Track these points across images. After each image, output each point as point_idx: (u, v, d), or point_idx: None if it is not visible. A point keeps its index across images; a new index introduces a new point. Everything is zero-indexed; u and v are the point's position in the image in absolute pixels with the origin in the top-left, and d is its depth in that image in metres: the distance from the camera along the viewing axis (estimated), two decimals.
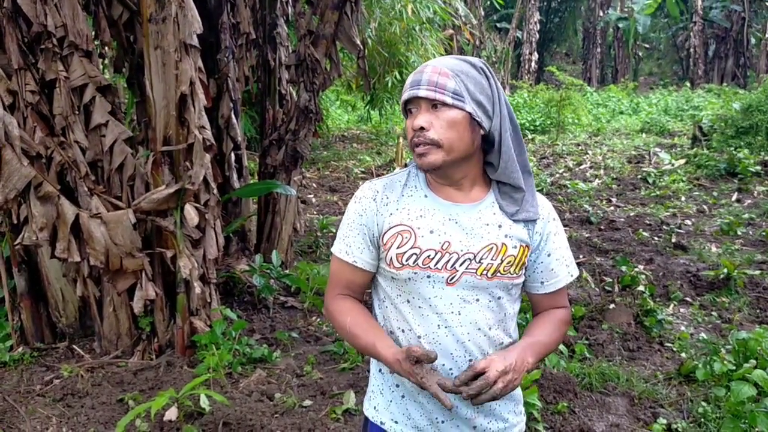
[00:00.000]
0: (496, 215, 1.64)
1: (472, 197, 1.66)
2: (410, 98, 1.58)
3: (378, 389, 1.77)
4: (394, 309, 1.68)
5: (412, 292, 1.63)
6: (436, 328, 1.62)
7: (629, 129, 16.82)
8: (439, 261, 1.60)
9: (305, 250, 6.69)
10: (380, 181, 1.71)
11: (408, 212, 1.64)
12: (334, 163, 12.38)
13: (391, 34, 11.77)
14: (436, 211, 1.63)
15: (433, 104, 1.56)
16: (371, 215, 1.66)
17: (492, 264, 1.61)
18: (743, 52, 28.27)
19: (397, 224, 1.63)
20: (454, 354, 1.62)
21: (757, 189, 9.82)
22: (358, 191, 1.71)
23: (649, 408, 3.71)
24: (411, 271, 1.61)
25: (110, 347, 4.24)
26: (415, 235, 1.61)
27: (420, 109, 1.58)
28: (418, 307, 1.63)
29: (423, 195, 1.66)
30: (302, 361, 4.30)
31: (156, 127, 3.96)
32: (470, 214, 1.63)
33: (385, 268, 1.67)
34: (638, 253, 6.71)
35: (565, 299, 1.80)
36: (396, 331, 1.68)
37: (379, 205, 1.65)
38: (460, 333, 1.61)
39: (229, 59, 5.52)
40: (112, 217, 3.86)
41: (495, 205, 1.66)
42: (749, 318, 5.01)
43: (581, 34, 35.21)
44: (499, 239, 1.62)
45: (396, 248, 1.62)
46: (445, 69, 1.55)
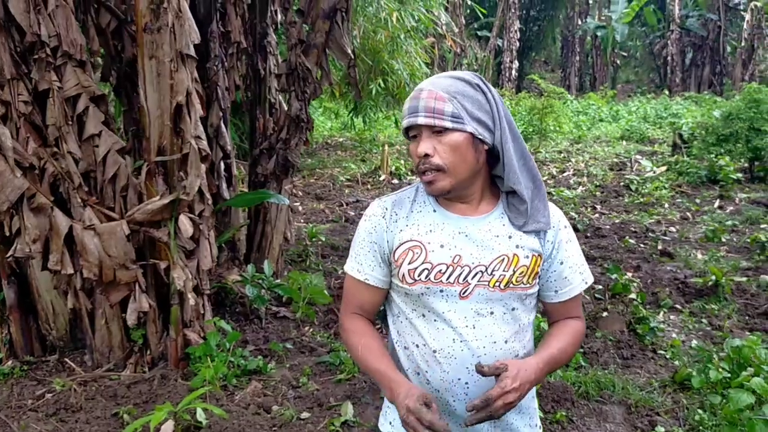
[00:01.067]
0: (506, 226, 1.65)
1: (482, 210, 1.66)
2: (410, 126, 1.60)
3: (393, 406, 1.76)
4: (409, 324, 1.68)
5: (425, 306, 1.63)
6: (451, 342, 1.62)
7: (610, 136, 17.01)
8: (451, 275, 1.60)
9: (295, 260, 6.66)
10: (389, 198, 1.72)
11: (418, 228, 1.64)
12: (319, 170, 12.35)
13: (376, 42, 11.79)
14: (445, 225, 1.64)
15: (435, 130, 1.56)
16: (381, 232, 1.67)
17: (504, 275, 1.61)
18: (719, 60, 28.77)
19: (408, 240, 1.64)
20: (470, 368, 1.61)
21: (738, 196, 9.97)
22: (368, 209, 1.73)
23: (646, 416, 3.73)
24: (423, 286, 1.61)
25: (102, 360, 4.18)
26: (425, 251, 1.62)
27: (421, 136, 1.59)
28: (433, 321, 1.63)
29: (432, 210, 1.67)
30: (298, 372, 4.27)
31: (150, 137, 3.92)
32: (480, 226, 1.63)
33: (398, 284, 1.67)
34: (626, 260, 6.77)
35: (579, 308, 1.80)
36: (410, 346, 1.68)
37: (389, 222, 1.67)
38: (475, 347, 1.61)
39: (218, 68, 5.49)
40: (106, 228, 3.82)
41: (504, 216, 1.66)
42: (739, 325, 5.07)
43: (560, 42, 35.60)
44: (510, 250, 1.62)
45: (407, 264, 1.63)
46: (440, 93, 1.55)
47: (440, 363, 1.62)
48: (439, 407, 1.53)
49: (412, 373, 1.68)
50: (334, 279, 6.23)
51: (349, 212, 9.42)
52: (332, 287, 5.94)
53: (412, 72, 12.53)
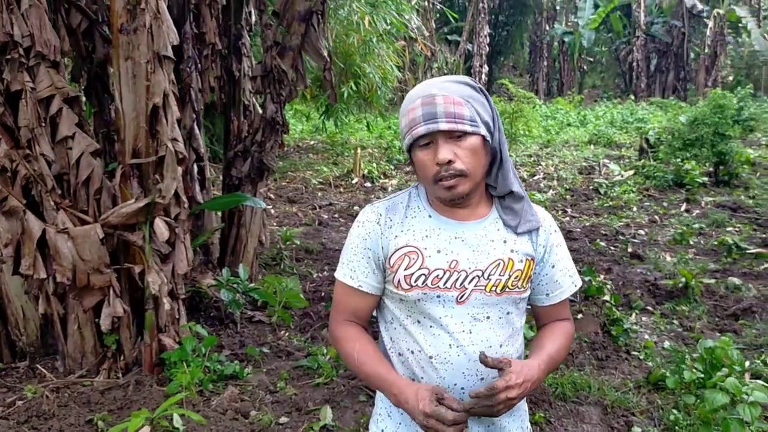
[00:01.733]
0: (500, 231, 1.66)
1: (477, 214, 1.66)
2: (429, 132, 1.54)
3: (385, 412, 1.75)
4: (403, 330, 1.67)
5: (422, 312, 1.62)
6: (447, 348, 1.61)
7: (578, 141, 17.23)
8: (448, 280, 1.60)
9: (269, 263, 6.61)
10: (382, 204, 1.70)
11: (413, 233, 1.63)
12: (291, 173, 12.29)
13: (348, 45, 11.79)
14: (441, 230, 1.63)
15: (454, 135, 1.54)
16: (376, 239, 1.65)
17: (500, 279, 1.62)
18: (683, 66, 29.39)
19: (404, 246, 1.62)
20: (466, 373, 1.62)
21: (704, 199, 10.18)
22: (361, 215, 1.70)
23: (622, 416, 3.79)
24: (420, 292, 1.60)
25: (74, 366, 4.10)
26: (422, 256, 1.61)
27: (437, 142, 1.55)
28: (429, 327, 1.62)
29: (427, 215, 1.66)
30: (275, 376, 4.23)
31: (125, 139, 3.86)
32: (475, 231, 1.64)
33: (392, 291, 1.65)
34: (597, 263, 6.86)
35: (568, 310, 1.82)
36: (405, 353, 1.67)
37: (384, 228, 1.65)
38: (471, 351, 1.61)
39: (192, 69, 5.42)
40: (80, 232, 3.75)
41: (498, 221, 1.67)
42: (709, 326, 5.18)
43: (528, 47, 35.99)
44: (506, 254, 1.63)
45: (404, 270, 1.61)
46: (456, 97, 1.54)
47: (436, 369, 1.62)
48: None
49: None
50: (309, 282, 6.20)
51: (322, 215, 9.39)
52: (307, 291, 5.91)
53: (383, 75, 12.56)
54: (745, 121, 13.71)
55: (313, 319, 5.29)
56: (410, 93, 1.62)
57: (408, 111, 1.57)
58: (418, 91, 1.59)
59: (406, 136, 1.58)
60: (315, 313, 5.38)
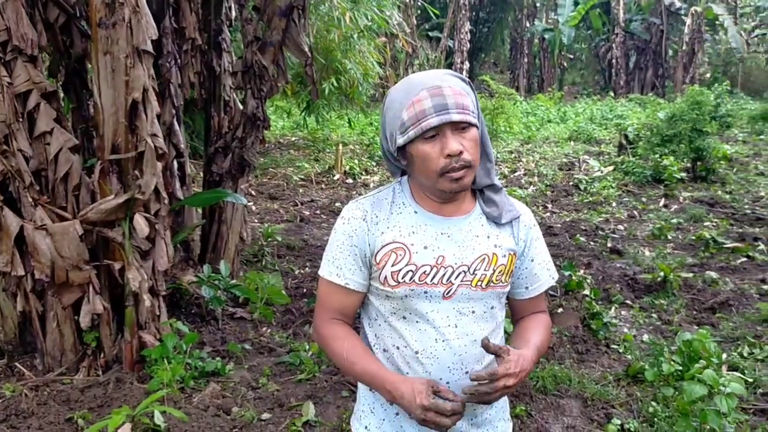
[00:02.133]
0: (484, 226, 1.67)
1: (463, 210, 1.67)
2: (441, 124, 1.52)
3: (368, 408, 1.74)
4: (388, 327, 1.67)
5: (408, 308, 1.63)
6: (433, 343, 1.62)
7: (558, 137, 17.34)
8: (435, 276, 1.60)
9: (250, 260, 6.59)
10: (367, 200, 1.68)
11: (400, 229, 1.63)
12: (272, 170, 12.24)
13: (329, 41, 11.75)
14: (427, 226, 1.63)
15: (460, 126, 1.54)
16: (362, 235, 1.63)
17: (485, 274, 1.63)
18: (662, 63, 29.70)
19: (390, 242, 1.61)
20: (451, 368, 1.63)
21: (682, 195, 10.30)
22: (345, 212, 1.68)
23: (602, 409, 3.83)
24: (408, 288, 1.60)
25: (54, 364, 4.06)
26: (409, 252, 1.60)
27: (445, 134, 1.53)
28: (415, 322, 1.63)
29: (413, 211, 1.65)
30: (257, 373, 4.22)
31: (104, 135, 3.82)
32: (461, 226, 1.65)
33: (378, 287, 1.65)
34: (577, 258, 6.92)
35: (544, 303, 1.85)
36: (390, 349, 1.66)
37: (370, 225, 1.63)
38: (456, 346, 1.62)
39: (171, 65, 5.38)
40: (58, 228, 3.71)
41: (482, 216, 1.69)
42: (687, 319, 5.25)
43: (509, 44, 36.15)
44: (490, 249, 1.65)
45: (391, 266, 1.61)
46: (459, 89, 1.55)
47: (423, 364, 1.62)
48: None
49: None
50: (291, 279, 6.19)
51: (303, 212, 9.37)
52: (289, 287, 5.90)
53: (365, 71, 12.54)
54: (722, 117, 13.91)
55: (295, 315, 5.28)
56: (406, 85, 1.58)
57: (412, 103, 1.53)
58: (419, 82, 1.56)
59: (412, 128, 1.54)
60: (297, 309, 5.37)
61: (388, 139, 1.63)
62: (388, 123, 1.61)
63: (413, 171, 1.62)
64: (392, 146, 1.62)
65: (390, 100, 1.60)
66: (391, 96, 1.61)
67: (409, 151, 1.58)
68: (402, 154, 1.62)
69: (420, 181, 1.63)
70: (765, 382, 4.09)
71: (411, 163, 1.61)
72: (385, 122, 1.64)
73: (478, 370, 1.59)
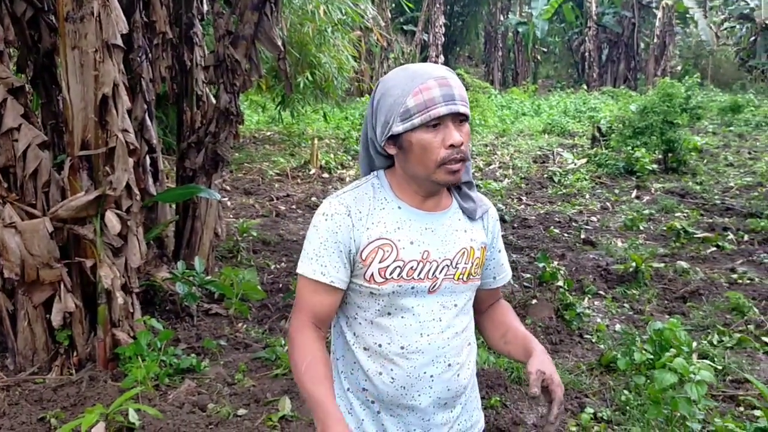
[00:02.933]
0: (461, 221, 1.69)
1: (442, 205, 1.67)
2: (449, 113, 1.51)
3: (345, 409, 1.69)
4: (370, 324, 1.64)
5: (394, 304, 1.61)
6: (418, 337, 1.62)
7: (532, 130, 17.46)
8: (421, 271, 1.60)
9: (226, 256, 6.55)
10: (347, 196, 1.63)
11: (385, 225, 1.60)
12: (247, 165, 12.16)
13: (303, 34, 11.68)
14: (412, 221, 1.62)
15: (460, 119, 1.54)
16: (347, 231, 1.58)
17: (466, 268, 1.66)
18: (634, 56, 30.03)
19: (377, 238, 1.58)
20: (435, 361, 1.64)
21: (654, 186, 10.44)
22: (327, 208, 1.62)
23: (575, 398, 3.88)
24: (395, 285, 1.59)
25: (26, 363, 4.00)
26: (396, 248, 1.59)
27: (447, 125, 1.52)
28: (400, 318, 1.62)
29: (396, 206, 1.63)
30: (233, 369, 4.21)
31: (73, 131, 3.77)
32: (442, 221, 1.65)
33: (362, 284, 1.61)
34: (551, 249, 6.99)
35: (500, 290, 1.92)
36: (371, 347, 1.64)
37: (355, 221, 1.59)
38: (440, 339, 1.63)
39: (142, 59, 5.32)
40: (28, 226, 3.66)
41: (458, 210, 1.70)
42: (658, 309, 5.33)
43: (483, 38, 36.24)
44: (468, 243, 1.67)
45: (378, 263, 1.58)
46: (460, 83, 1.55)
47: (408, 359, 1.62)
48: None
49: (374, 374, 1.64)
50: (267, 274, 6.17)
51: (279, 207, 9.33)
52: (265, 282, 5.88)
53: (339, 65, 12.50)
54: (692, 109, 14.07)
55: (271, 310, 5.27)
56: (408, 73, 1.56)
57: (420, 90, 1.51)
58: (424, 71, 1.55)
59: (418, 115, 1.51)
60: (273, 304, 5.36)
61: (381, 126, 1.58)
62: (385, 109, 1.56)
63: (406, 161, 1.58)
64: (384, 134, 1.57)
65: (388, 87, 1.56)
66: (388, 83, 1.58)
67: (408, 139, 1.54)
68: (393, 144, 1.58)
69: (412, 172, 1.59)
70: (734, 369, 4.17)
71: (406, 153, 1.57)
72: (378, 109, 1.59)
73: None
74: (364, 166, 1.74)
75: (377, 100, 1.60)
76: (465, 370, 1.71)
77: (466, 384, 1.73)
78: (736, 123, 17.10)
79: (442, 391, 1.66)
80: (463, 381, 1.70)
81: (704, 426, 3.41)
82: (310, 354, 1.60)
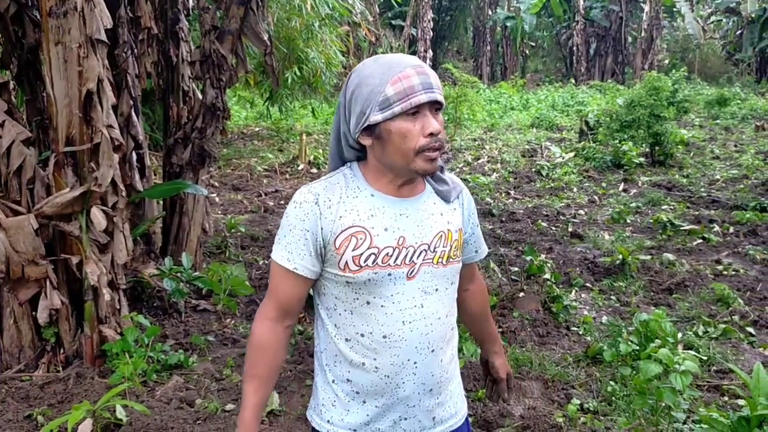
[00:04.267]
0: (437, 204, 1.70)
1: (416, 190, 1.68)
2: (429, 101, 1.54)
3: (329, 401, 1.71)
4: (350, 315, 1.64)
5: (372, 293, 1.61)
6: (401, 325, 1.62)
7: (521, 124, 17.51)
8: (398, 257, 1.61)
9: (214, 252, 6.54)
10: (318, 185, 1.65)
11: (358, 213, 1.60)
12: (235, 161, 12.13)
13: (290, 29, 11.65)
14: (385, 208, 1.62)
15: (436, 107, 1.56)
16: (314, 219, 1.60)
17: (444, 251, 1.67)
18: (621, 50, 30.13)
19: (350, 226, 1.59)
20: (419, 348, 1.65)
21: (641, 179, 10.50)
22: (297, 196, 1.64)
23: (562, 390, 3.91)
24: (371, 272, 1.59)
25: (12, 361, 3.98)
26: (370, 236, 1.59)
27: (426, 113, 1.55)
28: (380, 306, 1.61)
29: (369, 194, 1.63)
30: (221, 364, 4.21)
31: (57, 127, 3.75)
32: (417, 206, 1.67)
33: (337, 274, 1.61)
34: (539, 243, 7.02)
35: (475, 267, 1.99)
36: (353, 337, 1.64)
37: (323, 209, 1.60)
38: (423, 326, 1.64)
39: (127, 54, 5.29)
40: (12, 223, 3.64)
41: (433, 194, 1.71)
42: (645, 300, 5.37)
43: (471, 32, 36.26)
44: (444, 226, 1.69)
45: (351, 251, 1.58)
46: (432, 71, 1.57)
47: (391, 347, 1.62)
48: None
49: (357, 364, 1.65)
50: (255, 270, 6.16)
51: (268, 202, 9.32)
52: (253, 278, 5.87)
53: (327, 60, 12.48)
54: (679, 102, 14.18)
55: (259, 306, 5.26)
56: (383, 62, 1.56)
57: (399, 78, 1.52)
58: (399, 60, 1.56)
59: (398, 103, 1.52)
60: (261, 300, 5.34)
61: (356, 117, 1.58)
62: (361, 99, 1.55)
63: (383, 151, 1.58)
64: (360, 125, 1.57)
65: (364, 77, 1.56)
66: (364, 72, 1.57)
67: (386, 128, 1.54)
68: (369, 134, 1.58)
69: (389, 162, 1.59)
70: (718, 359, 4.21)
71: (383, 143, 1.57)
72: (353, 100, 1.58)
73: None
74: (335, 160, 1.73)
75: (351, 91, 1.59)
76: (448, 355, 1.73)
77: (450, 369, 1.74)
78: (723, 116, 17.22)
79: (426, 376, 1.67)
80: (447, 366, 1.72)
81: (689, 415, 3.46)
82: (261, 351, 1.70)
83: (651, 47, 27.77)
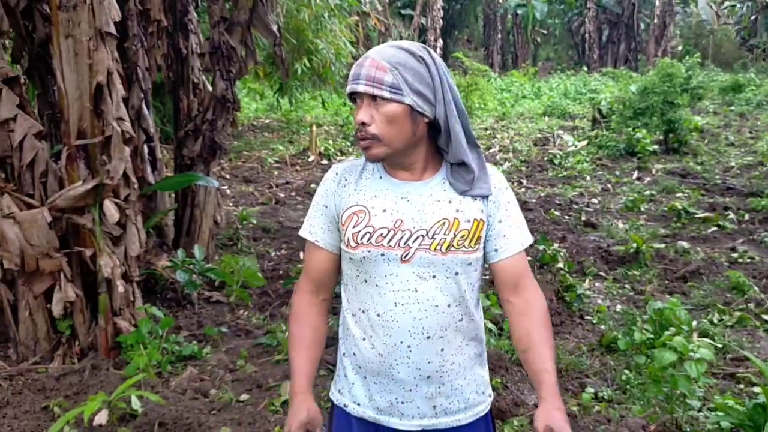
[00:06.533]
0: (447, 191, 1.67)
1: (425, 175, 1.69)
2: (351, 92, 1.63)
3: (342, 373, 1.80)
4: (354, 290, 1.72)
5: (368, 271, 1.67)
6: (393, 306, 1.65)
7: (532, 113, 17.41)
8: (392, 239, 1.63)
9: (226, 243, 6.56)
10: (342, 165, 1.77)
11: (364, 193, 1.69)
12: (246, 153, 12.15)
13: (299, 20, 11.61)
14: (389, 190, 1.67)
15: (374, 99, 1.59)
16: (331, 195, 1.72)
17: (445, 239, 1.63)
18: (634, 36, 29.87)
19: (354, 204, 1.68)
20: (411, 332, 1.65)
21: (654, 167, 10.42)
22: (326, 173, 1.78)
23: (576, 378, 3.89)
24: (365, 250, 1.65)
25: (28, 353, 4.02)
26: (369, 215, 1.66)
27: (362, 103, 1.61)
28: (375, 286, 1.67)
29: (378, 176, 1.71)
30: (234, 355, 4.22)
31: (69, 120, 3.77)
32: (421, 191, 1.66)
33: (344, 249, 1.71)
34: (552, 232, 6.98)
35: (527, 270, 1.76)
36: (357, 313, 1.72)
37: (338, 187, 1.71)
38: (416, 310, 1.64)
39: (137, 47, 5.30)
40: (26, 216, 3.66)
41: (445, 182, 1.68)
42: (659, 289, 5.33)
43: (482, 20, 36.03)
44: (451, 214, 1.64)
45: (352, 228, 1.67)
46: (382, 63, 1.57)
47: (383, 327, 1.66)
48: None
49: (359, 338, 1.72)
50: (267, 261, 6.18)
51: (279, 194, 9.33)
52: (265, 269, 5.89)
53: (337, 51, 12.43)
54: (693, 89, 14.02)
55: (272, 297, 5.28)
56: None
57: (355, 65, 1.64)
58: (375, 49, 1.65)
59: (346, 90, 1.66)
60: (273, 291, 5.37)
61: None
62: None
63: None
64: None
65: None
66: None
67: None
68: None
69: None
70: (734, 347, 4.18)
71: None
72: None
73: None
74: None
75: None
76: (453, 347, 1.69)
77: (456, 361, 1.70)
78: (737, 102, 17.03)
79: (422, 362, 1.66)
80: (450, 357, 1.69)
81: (704, 403, 3.43)
82: (297, 322, 1.79)
83: (664, 33, 27.51)
